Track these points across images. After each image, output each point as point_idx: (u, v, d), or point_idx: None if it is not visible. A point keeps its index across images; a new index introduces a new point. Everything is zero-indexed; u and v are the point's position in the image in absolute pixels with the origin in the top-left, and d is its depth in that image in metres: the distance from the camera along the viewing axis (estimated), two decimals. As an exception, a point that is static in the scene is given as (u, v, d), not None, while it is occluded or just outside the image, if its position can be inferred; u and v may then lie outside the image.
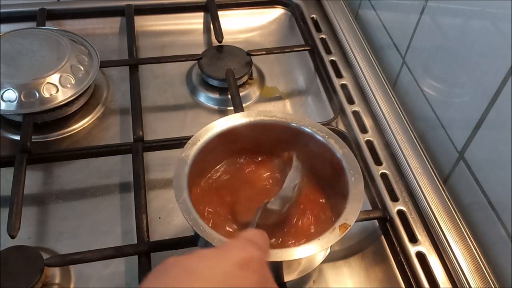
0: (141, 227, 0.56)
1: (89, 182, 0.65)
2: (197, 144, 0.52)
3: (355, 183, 0.50)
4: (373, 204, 0.62)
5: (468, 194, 0.59)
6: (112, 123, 0.73)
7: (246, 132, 0.55)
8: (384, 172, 0.64)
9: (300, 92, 0.82)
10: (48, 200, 0.63)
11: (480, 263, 0.55)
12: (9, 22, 0.82)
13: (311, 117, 0.70)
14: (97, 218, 0.61)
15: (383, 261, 0.59)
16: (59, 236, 0.59)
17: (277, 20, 0.92)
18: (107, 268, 0.56)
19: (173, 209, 0.62)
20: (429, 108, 0.66)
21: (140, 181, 0.60)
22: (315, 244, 0.45)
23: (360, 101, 0.74)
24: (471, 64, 0.57)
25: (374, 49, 0.81)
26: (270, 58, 0.84)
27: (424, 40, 0.68)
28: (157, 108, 0.76)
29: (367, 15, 0.85)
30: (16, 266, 0.51)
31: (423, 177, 0.62)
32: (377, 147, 0.67)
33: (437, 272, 0.55)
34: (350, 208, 0.47)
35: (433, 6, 0.65)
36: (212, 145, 0.53)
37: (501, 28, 0.51)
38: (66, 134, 0.70)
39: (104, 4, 0.87)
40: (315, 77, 0.80)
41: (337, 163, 0.52)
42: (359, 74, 0.77)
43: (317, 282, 0.57)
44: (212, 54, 0.81)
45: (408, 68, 0.72)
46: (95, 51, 0.74)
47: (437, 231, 0.57)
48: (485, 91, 0.54)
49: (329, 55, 0.81)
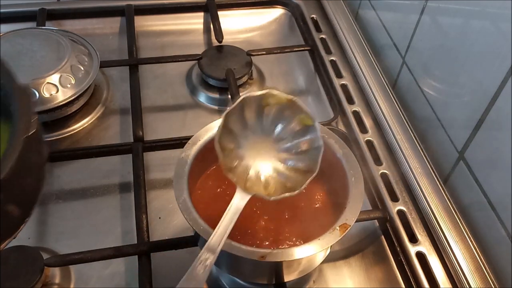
0: (141, 227, 0.56)
1: (89, 182, 0.65)
2: (197, 144, 0.52)
3: (355, 183, 0.50)
4: (373, 204, 0.62)
5: (468, 194, 0.59)
6: (112, 123, 0.73)
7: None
8: (384, 172, 0.64)
9: (300, 92, 0.82)
10: (48, 200, 0.63)
11: (480, 263, 0.55)
12: (9, 22, 0.82)
13: (311, 117, 0.70)
14: (97, 218, 0.61)
15: (383, 261, 0.59)
16: (59, 236, 0.59)
17: (277, 20, 0.92)
18: (107, 268, 0.56)
19: (173, 209, 0.62)
20: (429, 108, 0.66)
21: (140, 181, 0.60)
22: (315, 244, 0.45)
23: (360, 101, 0.74)
24: (471, 64, 0.57)
25: (374, 49, 0.81)
26: (270, 58, 0.84)
27: (424, 40, 0.68)
28: (157, 108, 0.76)
29: (367, 15, 0.85)
30: (16, 266, 0.51)
31: (423, 177, 0.62)
32: (377, 147, 0.67)
33: (437, 272, 0.55)
34: (350, 208, 0.47)
35: (433, 6, 0.65)
36: (212, 145, 0.53)
37: (501, 28, 0.51)
38: (66, 134, 0.70)
39: (104, 4, 0.87)
40: (315, 77, 0.80)
41: (337, 163, 0.52)
42: (359, 74, 0.77)
43: (317, 282, 0.57)
44: (212, 54, 0.81)
45: (408, 68, 0.72)
46: (95, 51, 0.74)
47: (437, 231, 0.57)
48: (485, 91, 0.54)
49: (329, 55, 0.81)
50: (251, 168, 0.46)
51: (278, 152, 0.47)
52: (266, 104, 0.46)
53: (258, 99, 0.46)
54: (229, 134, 0.45)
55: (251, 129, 0.47)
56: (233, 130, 0.46)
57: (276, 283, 0.51)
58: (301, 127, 0.46)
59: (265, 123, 0.47)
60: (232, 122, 0.45)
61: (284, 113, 0.46)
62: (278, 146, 0.47)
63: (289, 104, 0.46)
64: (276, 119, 0.47)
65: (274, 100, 0.46)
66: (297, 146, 0.46)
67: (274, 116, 0.47)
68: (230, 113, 0.45)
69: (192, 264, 0.41)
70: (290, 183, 0.45)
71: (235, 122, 0.46)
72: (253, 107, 0.46)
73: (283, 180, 0.46)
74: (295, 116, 0.46)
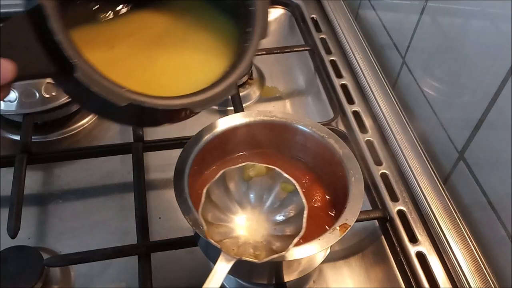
0: (141, 227, 0.56)
1: (89, 182, 0.65)
2: (197, 144, 0.52)
3: (355, 183, 0.50)
4: (373, 204, 0.62)
5: (468, 194, 0.59)
6: (112, 123, 0.73)
7: (246, 132, 0.55)
8: (384, 172, 0.64)
9: (300, 92, 0.82)
10: (48, 200, 0.63)
11: (480, 263, 0.55)
12: (9, 22, 0.82)
13: (311, 117, 0.70)
14: (97, 218, 0.61)
15: (383, 261, 0.59)
16: (59, 236, 0.59)
17: (277, 20, 0.92)
18: (107, 268, 0.56)
19: (173, 209, 0.62)
20: (429, 108, 0.66)
21: (140, 181, 0.60)
22: (315, 244, 0.45)
23: (360, 101, 0.74)
24: (471, 64, 0.57)
25: (374, 49, 0.81)
26: (270, 58, 0.84)
27: (424, 40, 0.68)
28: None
29: (367, 15, 0.85)
30: (16, 266, 0.51)
31: (423, 177, 0.62)
32: (377, 147, 0.67)
33: (437, 272, 0.55)
34: (350, 208, 0.47)
35: (433, 6, 0.65)
36: (212, 145, 0.53)
37: (501, 28, 0.51)
38: (66, 134, 0.70)
39: (104, 4, 0.87)
40: (315, 77, 0.80)
41: (337, 163, 0.52)
42: (359, 74, 0.77)
43: (317, 282, 0.57)
44: (212, 54, 0.81)
45: (408, 68, 0.72)
46: (95, 51, 0.74)
47: (437, 231, 0.57)
48: (485, 91, 0.54)
49: (329, 55, 0.81)
50: (240, 238, 0.45)
51: (266, 222, 0.46)
52: (248, 177, 0.47)
53: (239, 170, 0.46)
54: (213, 207, 0.45)
55: (237, 201, 0.47)
56: (217, 203, 0.45)
57: (276, 283, 0.51)
58: (286, 195, 0.46)
59: (250, 196, 0.47)
60: (215, 195, 0.45)
61: (267, 183, 0.46)
62: (266, 217, 0.46)
63: (269, 173, 0.46)
64: (261, 190, 0.47)
65: (254, 172, 0.46)
66: (285, 214, 0.46)
67: (258, 187, 0.47)
68: (211, 187, 0.44)
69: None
70: (275, 246, 0.44)
71: (219, 195, 0.46)
72: (235, 179, 0.46)
73: (270, 244, 0.45)
74: (277, 183, 0.46)
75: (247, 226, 0.46)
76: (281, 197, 0.46)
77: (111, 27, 0.46)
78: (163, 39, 0.46)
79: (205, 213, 0.44)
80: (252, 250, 0.44)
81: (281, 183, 0.46)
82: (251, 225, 0.46)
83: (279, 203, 0.46)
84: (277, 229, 0.45)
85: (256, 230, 0.46)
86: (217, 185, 0.45)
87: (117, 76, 0.37)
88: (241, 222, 0.46)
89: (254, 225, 0.46)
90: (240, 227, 0.46)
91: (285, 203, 0.46)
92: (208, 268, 0.58)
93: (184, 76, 0.44)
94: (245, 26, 0.46)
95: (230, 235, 0.45)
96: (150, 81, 0.42)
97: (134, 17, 0.47)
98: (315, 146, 0.55)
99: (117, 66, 0.41)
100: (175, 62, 0.44)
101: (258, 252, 0.43)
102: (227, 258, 0.42)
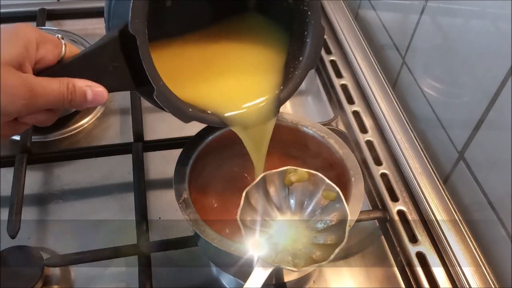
0: (141, 227, 0.56)
1: (89, 182, 0.65)
2: (197, 144, 0.52)
3: (355, 183, 0.50)
4: (373, 204, 0.62)
5: (468, 194, 0.59)
6: (112, 123, 0.73)
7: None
8: (384, 172, 0.64)
9: (300, 92, 0.82)
10: (48, 200, 0.63)
11: (480, 263, 0.55)
12: (9, 22, 0.82)
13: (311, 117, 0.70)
14: (97, 218, 0.61)
15: (383, 261, 0.59)
16: (59, 236, 0.59)
17: (277, 20, 0.92)
18: (107, 268, 0.56)
19: (173, 209, 0.62)
20: (429, 108, 0.66)
21: (140, 181, 0.60)
22: (315, 244, 0.45)
23: (360, 101, 0.74)
24: (471, 64, 0.57)
25: (374, 49, 0.81)
26: (270, 58, 0.84)
27: (424, 40, 0.68)
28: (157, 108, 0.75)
29: (367, 15, 0.85)
30: (16, 266, 0.51)
31: (423, 177, 0.62)
32: (377, 147, 0.67)
33: (437, 272, 0.55)
34: (350, 208, 0.47)
35: (433, 6, 0.65)
36: (212, 145, 0.53)
37: (501, 28, 0.51)
38: (66, 134, 0.70)
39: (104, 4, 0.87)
40: (315, 77, 0.80)
41: (337, 163, 0.52)
42: (359, 74, 0.77)
43: (317, 282, 0.57)
44: (212, 54, 0.81)
45: (408, 68, 0.72)
46: (95, 51, 0.74)
47: (437, 231, 0.57)
48: (485, 91, 0.54)
49: (329, 55, 0.81)
50: (279, 245, 0.44)
51: (307, 229, 0.45)
52: (289, 182, 0.45)
53: (280, 174, 0.45)
54: (252, 211, 0.44)
55: (277, 206, 0.46)
56: (256, 208, 0.44)
57: (276, 283, 0.51)
58: (327, 202, 0.45)
59: (291, 201, 0.46)
60: (254, 199, 0.44)
61: (308, 189, 0.45)
62: (306, 224, 0.45)
63: (311, 178, 0.45)
64: (302, 196, 0.46)
65: (295, 177, 0.45)
66: (326, 222, 0.44)
67: (299, 193, 0.46)
68: (251, 190, 0.43)
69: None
70: (316, 255, 0.43)
71: (258, 199, 0.44)
72: (276, 183, 0.45)
73: (310, 252, 0.43)
74: (319, 190, 0.45)
75: (286, 233, 0.44)
76: (322, 204, 0.45)
77: (178, 45, 0.52)
78: (221, 59, 0.52)
79: (244, 217, 0.42)
80: (290, 258, 0.42)
81: (323, 191, 0.45)
82: (290, 232, 0.45)
83: (320, 210, 0.45)
84: (317, 237, 0.44)
85: (296, 237, 0.44)
86: (257, 189, 0.44)
87: (185, 91, 0.46)
88: (280, 228, 0.45)
89: (294, 232, 0.45)
90: (279, 233, 0.44)
91: (326, 211, 0.44)
92: (208, 268, 0.58)
93: (241, 93, 0.50)
94: (297, 50, 0.50)
95: (269, 241, 0.43)
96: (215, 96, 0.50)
97: (197, 37, 0.53)
98: (315, 146, 0.55)
99: (185, 84, 0.49)
100: (231, 83, 0.51)
101: (297, 260, 0.42)
102: (265, 265, 0.41)
